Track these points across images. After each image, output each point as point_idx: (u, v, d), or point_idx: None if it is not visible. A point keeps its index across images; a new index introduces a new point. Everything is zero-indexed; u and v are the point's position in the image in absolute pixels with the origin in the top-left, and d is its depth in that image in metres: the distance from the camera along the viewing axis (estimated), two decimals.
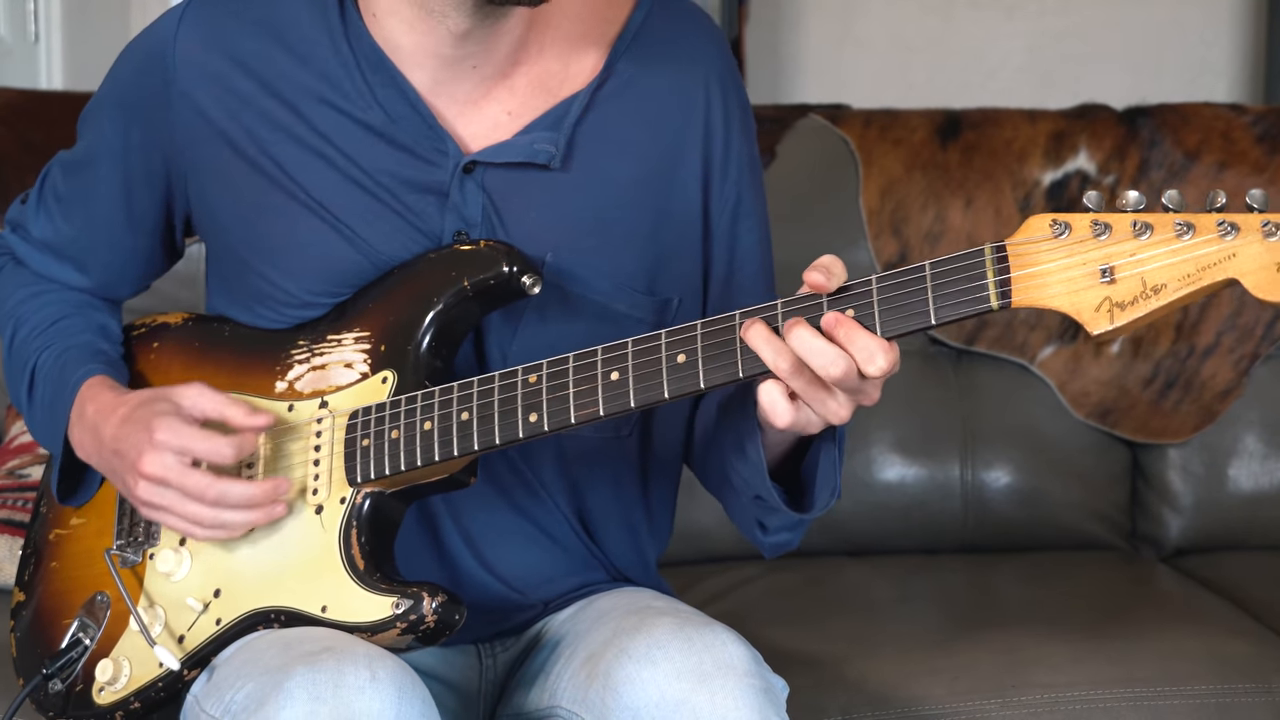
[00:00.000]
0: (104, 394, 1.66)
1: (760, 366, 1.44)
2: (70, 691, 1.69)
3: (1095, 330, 1.36)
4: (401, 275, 1.62)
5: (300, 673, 1.44)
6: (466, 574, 1.68)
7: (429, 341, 1.60)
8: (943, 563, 2.51)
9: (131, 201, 1.72)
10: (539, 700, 1.61)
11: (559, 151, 1.62)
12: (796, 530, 1.64)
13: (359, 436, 1.59)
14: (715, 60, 1.68)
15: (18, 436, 2.34)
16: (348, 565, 1.56)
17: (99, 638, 1.69)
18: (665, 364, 1.47)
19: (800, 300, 1.44)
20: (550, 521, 1.70)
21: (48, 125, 2.56)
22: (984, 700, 1.99)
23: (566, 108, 1.63)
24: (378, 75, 1.61)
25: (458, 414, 1.55)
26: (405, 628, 1.53)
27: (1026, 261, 1.38)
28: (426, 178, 1.62)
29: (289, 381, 1.65)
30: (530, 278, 1.58)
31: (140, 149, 1.69)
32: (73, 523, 1.76)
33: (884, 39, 4.38)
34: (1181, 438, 2.57)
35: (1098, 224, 1.36)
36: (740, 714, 1.45)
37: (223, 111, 1.64)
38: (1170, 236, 1.35)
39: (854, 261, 2.56)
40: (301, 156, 1.63)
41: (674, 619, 1.52)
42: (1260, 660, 2.08)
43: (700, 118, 1.67)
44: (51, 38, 3.77)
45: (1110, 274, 1.35)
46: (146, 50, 1.69)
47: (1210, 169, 2.58)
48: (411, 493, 1.60)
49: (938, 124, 2.63)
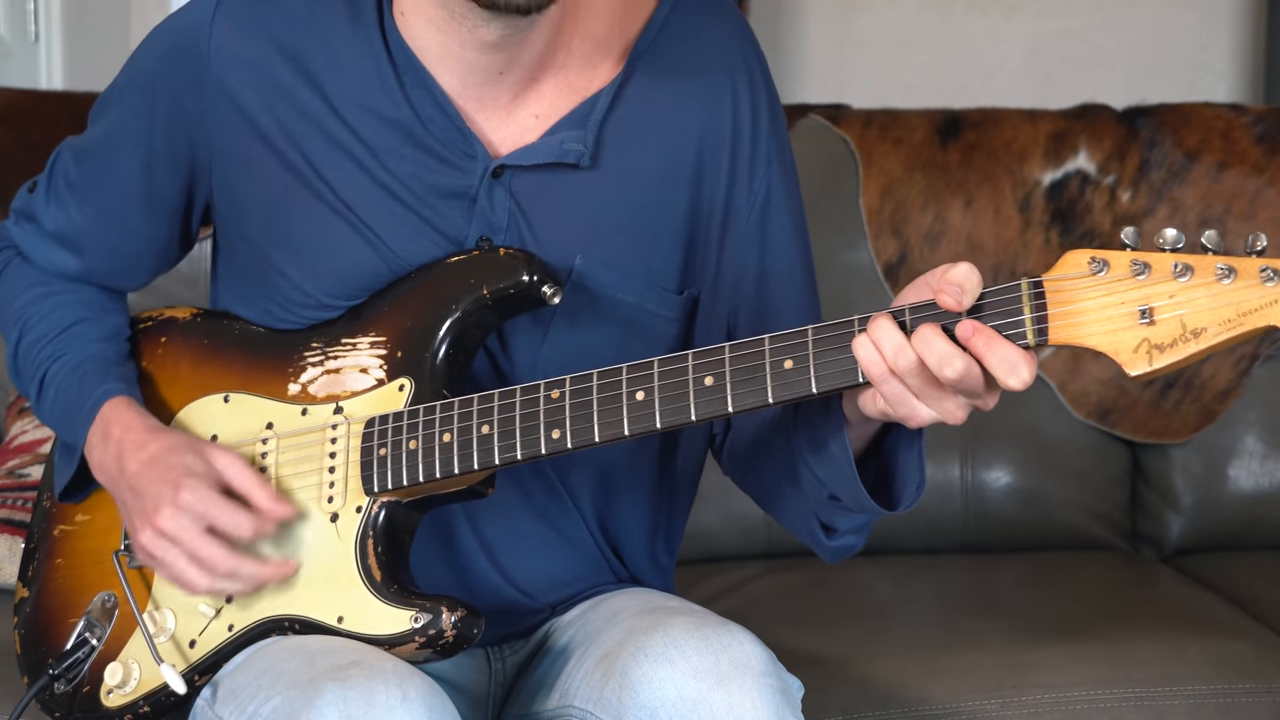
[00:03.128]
0: (133, 420, 1.64)
1: (792, 394, 1.42)
2: (76, 692, 1.68)
3: (1133, 372, 1.34)
4: (419, 280, 1.60)
5: (331, 689, 1.43)
6: (480, 578, 1.67)
7: (446, 349, 1.58)
8: (943, 563, 2.51)
9: (152, 185, 1.69)
10: (551, 701, 1.60)
11: (588, 149, 1.60)
12: (863, 532, 1.62)
13: (375, 445, 1.57)
14: (742, 54, 1.66)
15: (18, 436, 2.34)
16: (364, 576, 1.55)
17: (106, 639, 1.68)
18: (693, 386, 1.45)
19: (836, 326, 1.41)
20: (571, 527, 1.69)
21: (48, 125, 2.56)
22: (984, 700, 1.99)
23: (591, 105, 1.61)
24: (408, 75, 1.60)
25: (478, 427, 1.53)
26: (424, 642, 1.52)
27: (1064, 299, 1.35)
28: (454, 182, 1.60)
29: (302, 384, 1.64)
30: (550, 287, 1.56)
31: (164, 132, 1.66)
32: (78, 519, 1.75)
33: (884, 39, 4.38)
34: (1181, 438, 2.57)
35: (1137, 263, 1.33)
36: (757, 714, 1.45)
37: (258, 101, 1.62)
38: (1211, 280, 1.31)
39: (854, 261, 2.56)
40: (331, 155, 1.61)
41: (690, 618, 1.52)
42: (1260, 660, 2.08)
43: (728, 114, 1.64)
44: (51, 38, 3.77)
45: (1150, 315, 1.33)
46: (177, 36, 1.66)
47: (1210, 169, 2.58)
48: (428, 502, 1.59)
49: (938, 124, 2.63)
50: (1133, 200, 2.58)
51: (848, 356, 1.40)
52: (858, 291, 2.55)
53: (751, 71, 1.66)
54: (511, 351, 1.63)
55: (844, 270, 2.56)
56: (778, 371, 1.43)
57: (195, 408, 1.69)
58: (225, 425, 1.66)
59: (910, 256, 2.57)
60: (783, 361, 1.43)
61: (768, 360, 1.43)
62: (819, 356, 1.42)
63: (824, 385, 1.42)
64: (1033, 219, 2.59)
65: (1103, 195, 2.58)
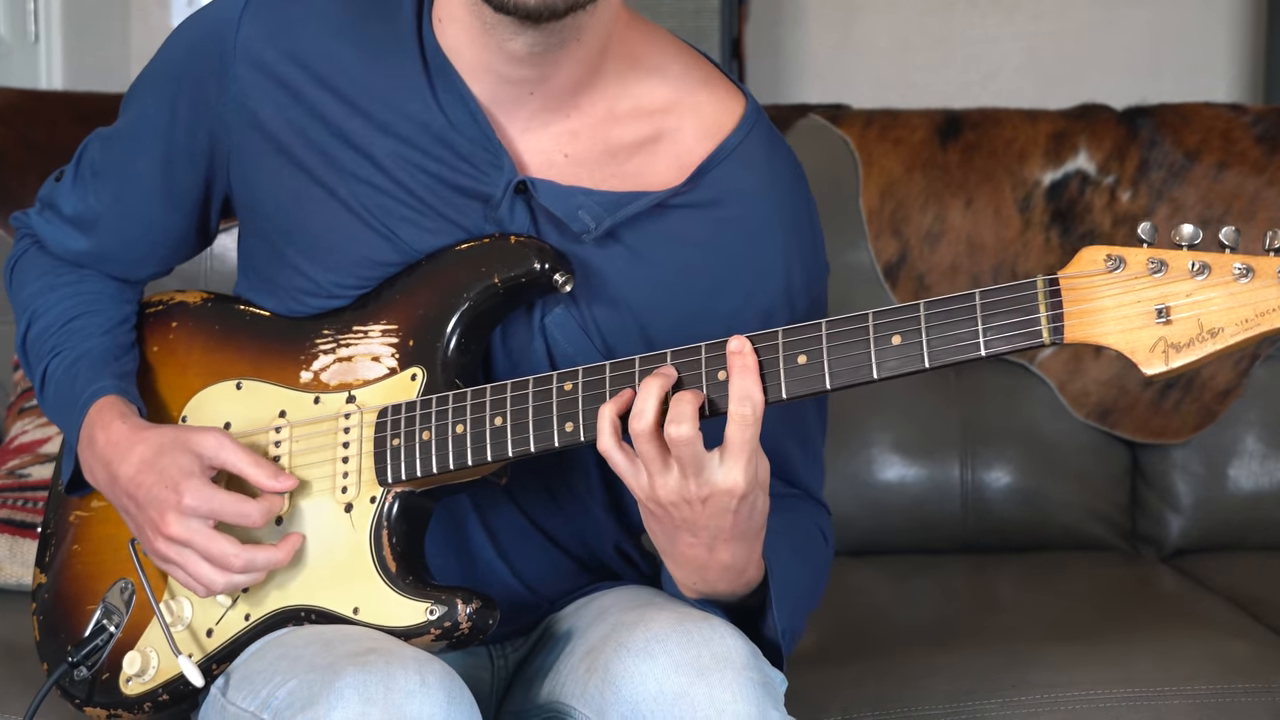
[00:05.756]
0: (114, 424, 1.64)
1: (809, 389, 1.43)
2: (96, 679, 1.68)
3: (1149, 371, 1.33)
4: (430, 267, 1.60)
5: (350, 673, 1.43)
6: (487, 572, 1.67)
7: (458, 339, 1.58)
8: (943, 563, 2.51)
9: (171, 176, 1.69)
10: (541, 696, 1.61)
11: (597, 231, 1.59)
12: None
13: (389, 435, 1.57)
14: (797, 216, 1.66)
15: (18, 436, 2.34)
16: (379, 567, 1.56)
17: (124, 625, 1.68)
18: (706, 380, 1.46)
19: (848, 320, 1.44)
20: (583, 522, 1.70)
21: (48, 125, 2.56)
22: (984, 700, 1.99)
23: (632, 199, 1.60)
24: (441, 80, 1.60)
25: (491, 419, 1.53)
26: (439, 634, 1.53)
27: (1080, 296, 1.35)
28: (476, 186, 1.60)
29: (314, 372, 1.64)
30: (562, 275, 1.56)
31: (186, 124, 1.66)
32: (94, 505, 1.75)
33: (884, 39, 4.38)
34: (1181, 438, 2.57)
35: (1154, 261, 1.33)
36: (738, 707, 1.45)
37: (278, 99, 1.62)
38: (1229, 279, 1.31)
39: (854, 261, 2.56)
40: (350, 156, 1.61)
41: (672, 613, 1.52)
42: (1260, 660, 2.08)
43: (780, 283, 1.63)
44: (51, 38, 3.77)
45: (1166, 314, 1.32)
46: (205, 30, 1.66)
47: (1210, 169, 2.58)
48: (441, 491, 1.59)
49: (938, 124, 2.63)
50: (1133, 200, 2.58)
51: (861, 354, 1.42)
52: (858, 292, 2.55)
53: (803, 236, 1.66)
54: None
55: (844, 270, 2.55)
56: (791, 367, 1.44)
57: (208, 394, 1.69)
58: (238, 412, 1.66)
59: (910, 256, 2.57)
60: (796, 357, 1.44)
61: (781, 355, 1.44)
62: (832, 352, 1.43)
63: (838, 381, 1.43)
64: (1033, 219, 2.59)
65: (1103, 195, 2.58)
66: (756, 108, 1.65)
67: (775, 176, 1.65)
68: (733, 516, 1.46)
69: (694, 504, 1.46)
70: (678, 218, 1.61)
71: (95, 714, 1.70)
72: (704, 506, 1.46)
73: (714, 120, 1.63)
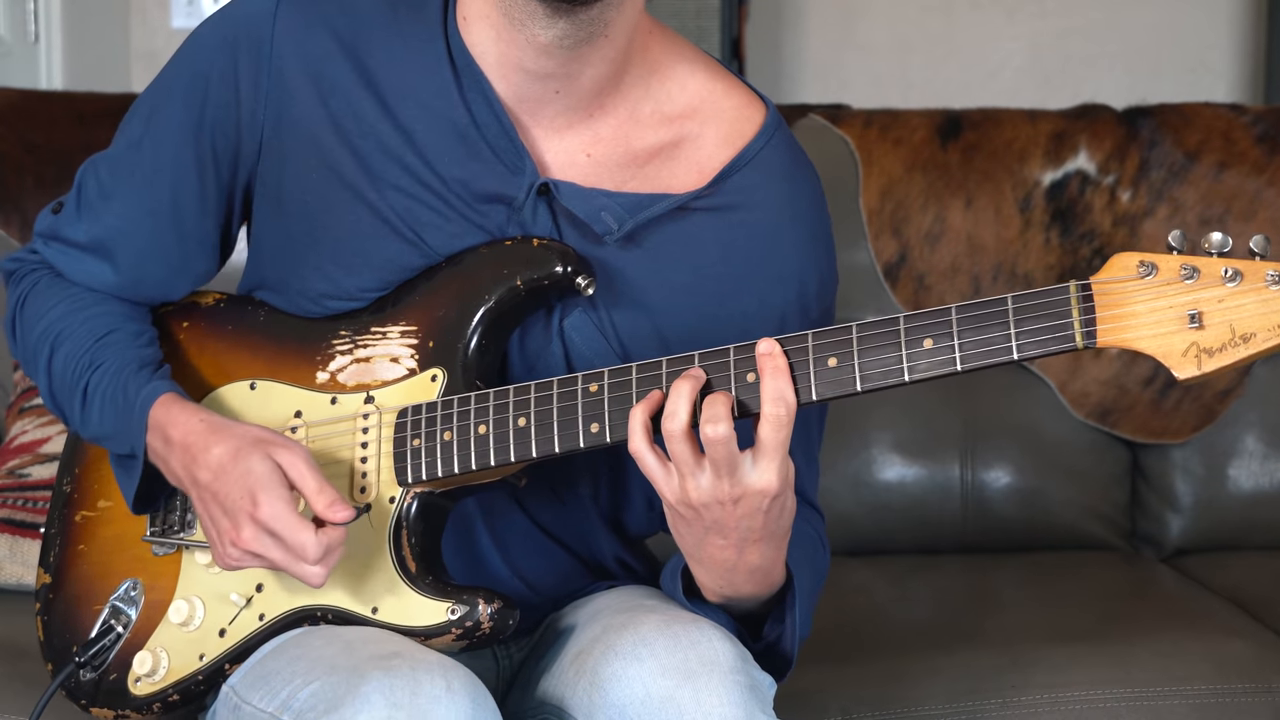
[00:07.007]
0: (187, 419, 1.58)
1: (840, 391, 1.44)
2: (102, 680, 1.68)
3: (1182, 375, 1.34)
4: (450, 270, 1.60)
5: (376, 677, 1.42)
6: (490, 572, 1.67)
7: (478, 340, 1.58)
8: (942, 563, 2.51)
9: (202, 181, 1.65)
10: (537, 697, 1.60)
11: (620, 233, 1.59)
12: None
13: (409, 436, 1.57)
14: (815, 225, 1.66)
15: (18, 436, 2.34)
16: (399, 567, 1.55)
17: (133, 626, 1.67)
18: (735, 382, 1.46)
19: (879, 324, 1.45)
20: (586, 528, 1.70)
21: (48, 125, 2.56)
22: (984, 700, 1.99)
23: (653, 201, 1.60)
24: (466, 78, 1.59)
25: (514, 419, 1.52)
26: (460, 634, 1.53)
27: (1112, 301, 1.36)
28: (500, 189, 1.60)
29: (331, 373, 1.63)
30: (585, 279, 1.56)
31: (215, 125, 1.63)
32: (100, 505, 1.74)
33: (884, 39, 4.38)
34: (1181, 438, 2.57)
35: (1186, 267, 1.34)
36: (725, 710, 1.45)
37: (313, 95, 1.61)
38: (1261, 285, 1.33)
39: (854, 261, 2.56)
40: (378, 156, 1.60)
41: (661, 616, 1.52)
42: (1260, 660, 2.08)
43: (794, 289, 1.63)
44: (51, 38, 3.77)
45: (1199, 319, 1.34)
46: (236, 27, 1.63)
47: (1210, 169, 2.58)
48: (460, 492, 1.59)
49: (938, 124, 2.63)
50: (1133, 200, 2.58)
51: (892, 356, 1.43)
52: (858, 292, 2.55)
53: (819, 249, 1.66)
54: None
55: (844, 270, 2.52)
56: (821, 369, 1.45)
57: (221, 395, 1.68)
58: (252, 413, 1.65)
59: (910, 257, 2.57)
60: (827, 359, 1.45)
61: (811, 357, 1.45)
62: (863, 355, 1.44)
63: (868, 384, 1.44)
64: (1033, 219, 2.59)
65: (1103, 195, 2.58)
66: (777, 116, 1.66)
67: (795, 185, 1.65)
68: (764, 517, 1.47)
69: (726, 505, 1.46)
70: (697, 221, 1.61)
71: (102, 715, 1.69)
72: (735, 507, 1.46)
73: (735, 127, 1.64)
